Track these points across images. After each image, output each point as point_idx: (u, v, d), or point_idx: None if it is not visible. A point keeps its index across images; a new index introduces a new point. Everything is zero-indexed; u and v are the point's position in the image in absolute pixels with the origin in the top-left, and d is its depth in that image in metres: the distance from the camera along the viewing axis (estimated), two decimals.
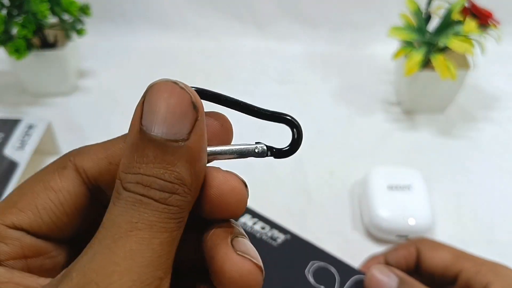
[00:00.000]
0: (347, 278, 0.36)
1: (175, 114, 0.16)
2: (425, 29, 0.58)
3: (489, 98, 0.67)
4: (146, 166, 0.16)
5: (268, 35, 0.76)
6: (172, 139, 0.16)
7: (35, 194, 0.19)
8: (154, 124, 0.16)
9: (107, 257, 0.15)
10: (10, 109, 0.62)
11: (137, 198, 0.16)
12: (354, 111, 0.64)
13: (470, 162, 0.57)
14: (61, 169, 0.19)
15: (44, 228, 0.19)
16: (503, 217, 0.50)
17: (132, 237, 0.15)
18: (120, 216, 0.16)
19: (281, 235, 0.38)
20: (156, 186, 0.16)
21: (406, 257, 0.36)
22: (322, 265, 0.37)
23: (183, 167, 0.16)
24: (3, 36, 0.55)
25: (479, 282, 0.32)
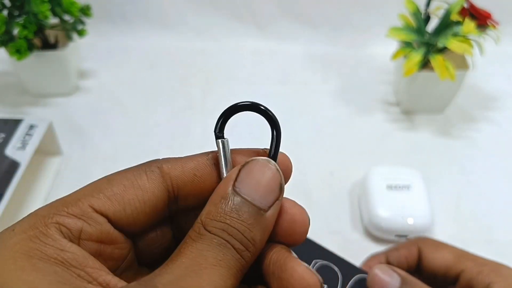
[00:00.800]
0: (349, 277, 0.36)
1: (267, 188, 0.20)
2: (424, 29, 0.58)
3: (488, 98, 0.67)
4: (231, 220, 0.19)
5: (268, 36, 0.77)
6: (258, 206, 0.19)
7: (124, 188, 0.20)
8: (250, 189, 0.19)
9: (196, 281, 0.17)
10: (11, 109, 0.63)
11: (221, 241, 0.18)
12: (354, 111, 0.64)
13: (469, 162, 0.57)
14: (149, 172, 0.21)
15: (124, 220, 0.20)
16: (502, 217, 0.51)
17: (216, 270, 0.18)
18: (207, 251, 0.18)
19: None
20: (237, 238, 0.19)
21: (407, 256, 0.36)
22: (325, 263, 0.37)
23: (258, 232, 0.19)
24: (4, 37, 0.55)
25: (481, 282, 0.32)
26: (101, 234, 0.20)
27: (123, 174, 0.21)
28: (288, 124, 0.62)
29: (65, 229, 0.19)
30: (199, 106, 0.64)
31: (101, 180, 0.21)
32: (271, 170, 0.20)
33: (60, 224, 0.19)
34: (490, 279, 0.31)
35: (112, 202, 0.20)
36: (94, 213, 0.20)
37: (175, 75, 0.69)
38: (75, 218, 0.19)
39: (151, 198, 0.21)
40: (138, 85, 0.68)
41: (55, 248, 0.18)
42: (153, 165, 0.21)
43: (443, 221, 0.49)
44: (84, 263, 0.18)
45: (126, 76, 0.69)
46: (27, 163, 0.48)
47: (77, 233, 0.19)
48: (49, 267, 0.17)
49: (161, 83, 0.68)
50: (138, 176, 0.21)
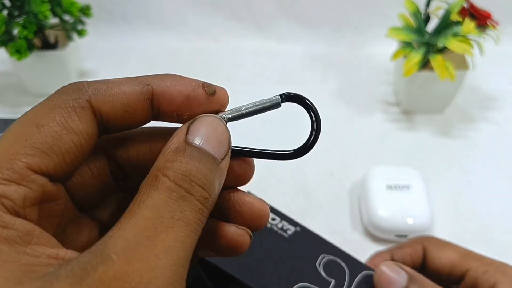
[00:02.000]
0: (356, 273, 0.36)
1: (218, 140, 0.20)
2: (424, 29, 0.58)
3: (488, 98, 0.67)
4: (192, 162, 0.18)
5: (268, 36, 0.77)
6: (213, 155, 0.19)
7: (57, 135, 0.18)
8: (202, 139, 0.19)
9: (149, 249, 0.16)
10: (11, 109, 0.63)
11: (181, 193, 0.17)
12: (354, 112, 0.64)
13: (468, 162, 0.57)
14: (80, 109, 0.19)
15: (64, 171, 0.19)
16: (501, 217, 0.51)
17: (172, 233, 0.17)
18: (164, 209, 0.17)
19: (291, 227, 0.38)
20: (200, 183, 0.18)
21: (412, 254, 0.36)
22: (332, 258, 0.36)
23: (217, 180, 0.19)
24: (4, 37, 0.55)
25: (486, 281, 0.32)
26: (43, 195, 0.18)
27: (48, 115, 0.19)
28: (288, 124, 0.62)
29: (7, 201, 0.17)
30: None
31: (26, 127, 0.18)
32: (220, 125, 0.20)
33: (1, 196, 0.17)
34: (495, 279, 0.31)
35: (50, 157, 0.18)
36: (34, 174, 0.18)
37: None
38: (15, 185, 0.17)
39: (86, 140, 0.19)
40: None
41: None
42: (81, 98, 0.19)
43: (443, 221, 0.49)
44: (28, 239, 0.17)
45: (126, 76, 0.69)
46: None
47: (20, 203, 0.17)
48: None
49: None
50: (69, 117, 0.19)
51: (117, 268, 0.16)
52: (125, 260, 0.16)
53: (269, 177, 0.54)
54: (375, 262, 0.38)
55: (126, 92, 0.20)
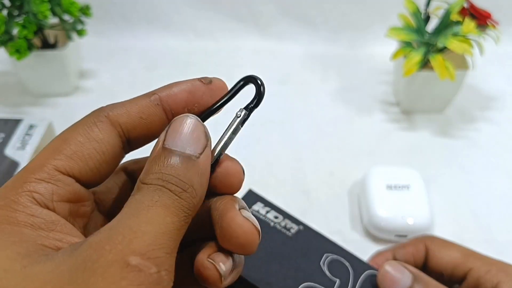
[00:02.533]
0: (360, 272, 0.36)
1: (192, 137, 0.21)
2: (424, 29, 0.58)
3: (488, 98, 0.67)
4: (165, 169, 0.20)
5: (268, 36, 0.77)
6: (188, 154, 0.20)
7: (81, 144, 0.21)
8: (176, 141, 0.21)
9: (132, 221, 0.18)
10: (11, 109, 0.63)
11: (157, 187, 0.19)
12: (353, 111, 0.64)
13: (468, 162, 0.57)
14: (99, 122, 0.22)
15: (90, 175, 0.21)
16: (501, 217, 0.51)
17: (152, 210, 0.19)
18: (143, 197, 0.19)
19: (294, 226, 0.38)
20: (173, 181, 0.20)
21: (414, 254, 0.36)
22: (336, 258, 0.36)
23: (194, 175, 0.20)
24: (4, 37, 0.55)
25: (489, 281, 0.31)
26: (71, 194, 0.21)
27: (74, 130, 0.22)
28: (288, 124, 0.62)
29: (37, 195, 0.19)
30: None
31: (56, 142, 0.21)
32: (191, 121, 0.21)
33: (31, 191, 0.19)
34: (498, 279, 0.31)
35: (74, 161, 0.21)
36: (61, 175, 0.20)
37: (175, 75, 0.69)
38: (44, 183, 0.20)
39: (107, 147, 0.22)
40: (138, 85, 0.68)
41: (25, 214, 0.19)
42: (100, 114, 0.22)
43: (443, 221, 0.49)
44: (52, 226, 0.19)
45: (126, 76, 0.69)
46: (27, 163, 0.48)
47: (49, 197, 0.20)
48: (16, 228, 0.18)
49: (161, 83, 0.67)
50: (90, 129, 0.22)
51: (102, 235, 0.18)
52: (109, 230, 0.18)
53: (269, 177, 0.54)
54: (377, 261, 0.38)
55: (138, 103, 0.23)
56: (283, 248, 0.36)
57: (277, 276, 0.33)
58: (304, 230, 0.38)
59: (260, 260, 0.34)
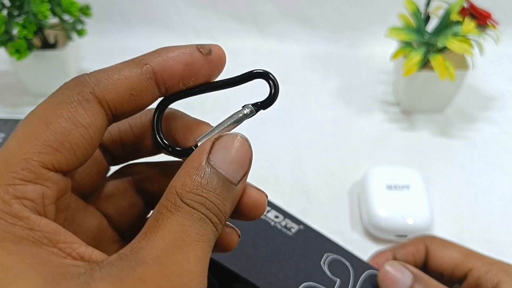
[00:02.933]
0: (360, 272, 0.36)
1: (239, 163, 0.20)
2: (424, 29, 0.58)
3: (488, 98, 0.67)
4: (208, 193, 0.19)
5: (268, 36, 0.77)
6: (230, 180, 0.19)
7: (68, 132, 0.18)
8: (223, 162, 0.19)
9: (182, 257, 0.17)
10: (11, 109, 0.63)
11: (201, 216, 0.18)
12: (353, 111, 0.64)
13: (468, 162, 0.57)
14: (85, 102, 0.19)
15: (75, 164, 0.19)
16: (501, 217, 0.51)
17: (199, 245, 0.18)
18: (189, 227, 0.18)
19: (295, 225, 0.38)
20: (213, 211, 0.19)
21: (414, 254, 0.36)
22: (336, 257, 0.36)
23: (229, 204, 0.20)
24: (4, 37, 0.55)
25: (489, 281, 0.31)
26: (59, 191, 0.19)
27: (55, 112, 0.19)
28: (288, 124, 0.62)
29: (27, 201, 0.17)
30: (198, 106, 0.63)
31: (36, 126, 0.18)
32: (244, 146, 0.20)
33: (20, 197, 0.17)
34: (498, 278, 0.31)
35: (62, 153, 0.18)
36: (49, 172, 0.18)
37: None
38: (31, 184, 0.18)
39: (95, 132, 0.19)
40: None
41: (23, 228, 0.17)
42: (85, 91, 0.19)
43: (443, 221, 0.49)
44: (55, 239, 0.17)
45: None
46: None
47: (40, 202, 0.18)
48: (23, 248, 0.16)
49: None
50: (75, 111, 0.19)
51: (156, 270, 0.17)
52: (162, 264, 0.17)
53: (269, 176, 0.54)
54: (377, 261, 0.38)
55: (128, 76, 0.20)
56: (283, 248, 0.36)
57: (278, 275, 0.33)
58: (305, 230, 0.38)
59: (261, 260, 0.34)
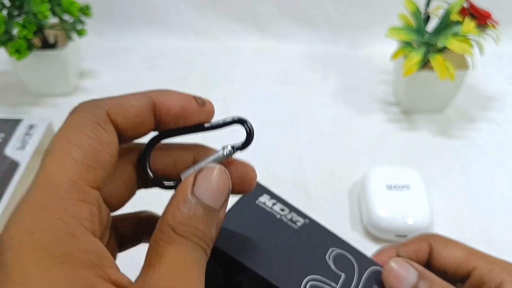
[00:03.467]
0: (365, 268, 0.35)
1: (220, 191, 0.22)
2: (424, 29, 0.58)
3: (488, 98, 0.67)
4: (197, 223, 0.21)
5: (268, 36, 0.77)
6: (214, 208, 0.21)
7: (97, 151, 0.20)
8: (205, 191, 0.21)
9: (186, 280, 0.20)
10: (11, 109, 0.63)
11: (193, 244, 0.20)
12: (353, 111, 0.64)
13: (468, 162, 0.57)
14: (103, 123, 0.21)
15: (105, 181, 0.21)
16: (501, 217, 0.51)
17: (197, 270, 0.20)
18: (186, 255, 0.20)
19: (301, 219, 0.38)
20: (203, 239, 0.21)
21: (417, 252, 0.36)
22: (341, 252, 0.36)
23: (214, 229, 0.21)
24: (4, 37, 0.55)
25: (493, 280, 0.31)
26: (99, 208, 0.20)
27: (81, 133, 0.20)
28: (288, 124, 0.62)
29: (86, 222, 0.19)
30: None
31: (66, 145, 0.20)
32: (222, 176, 0.22)
33: (78, 218, 0.18)
34: (502, 278, 0.31)
35: (97, 170, 0.20)
36: (93, 190, 0.20)
37: (175, 75, 0.69)
38: (83, 203, 0.19)
39: (115, 149, 0.21)
40: (138, 85, 0.67)
41: (79, 248, 0.18)
42: (100, 113, 0.21)
43: (443, 221, 0.49)
44: (102, 262, 0.19)
45: (126, 76, 0.70)
46: (26, 163, 0.48)
47: (97, 222, 0.20)
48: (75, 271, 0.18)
49: (161, 83, 0.67)
50: (98, 131, 0.21)
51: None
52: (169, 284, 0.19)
53: (268, 176, 0.54)
54: (380, 258, 0.38)
55: (135, 105, 0.22)
56: (289, 241, 0.36)
57: (283, 268, 0.33)
58: (310, 224, 0.38)
59: (266, 252, 0.34)
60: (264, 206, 0.38)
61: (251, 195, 0.36)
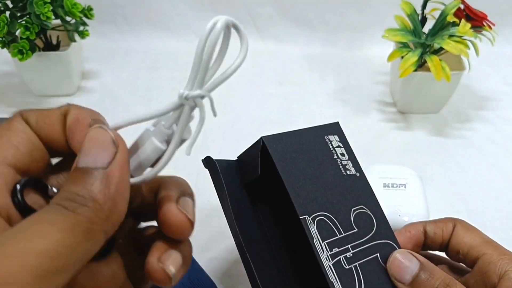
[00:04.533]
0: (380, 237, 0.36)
1: (96, 148, 0.21)
2: (420, 31, 0.59)
3: (483, 98, 0.68)
4: (69, 185, 0.20)
5: (266, 37, 0.77)
6: (92, 167, 0.20)
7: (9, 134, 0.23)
8: (82, 157, 0.21)
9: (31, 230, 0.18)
10: (14, 109, 0.63)
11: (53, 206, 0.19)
12: (351, 112, 0.65)
13: (464, 161, 0.58)
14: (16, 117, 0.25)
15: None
16: (496, 215, 0.51)
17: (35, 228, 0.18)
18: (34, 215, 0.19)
19: (353, 170, 0.38)
20: (70, 197, 0.19)
21: (442, 228, 0.37)
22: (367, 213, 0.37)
23: (97, 188, 0.20)
24: (7, 38, 0.56)
25: (499, 268, 0.32)
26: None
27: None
28: (286, 124, 0.62)
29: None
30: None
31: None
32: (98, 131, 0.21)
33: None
34: (507, 268, 0.32)
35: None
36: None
37: (176, 76, 0.70)
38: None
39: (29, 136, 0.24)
40: (139, 86, 0.68)
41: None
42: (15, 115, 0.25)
43: None
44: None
45: (128, 77, 0.70)
46: None
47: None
48: None
49: (162, 84, 0.68)
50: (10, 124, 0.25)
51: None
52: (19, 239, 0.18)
53: None
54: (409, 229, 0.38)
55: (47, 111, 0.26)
56: (331, 181, 0.36)
57: (308, 196, 0.34)
58: (359, 178, 0.38)
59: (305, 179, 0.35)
60: (328, 143, 0.39)
61: (324, 128, 0.38)
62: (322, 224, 0.34)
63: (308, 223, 0.33)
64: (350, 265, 0.33)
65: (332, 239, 0.34)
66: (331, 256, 0.33)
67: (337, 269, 0.32)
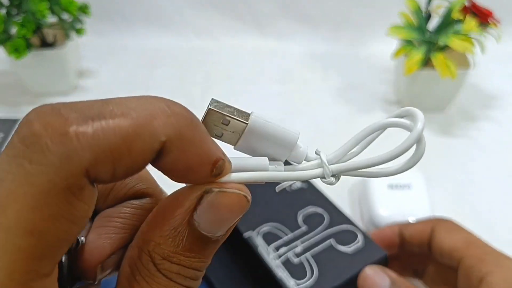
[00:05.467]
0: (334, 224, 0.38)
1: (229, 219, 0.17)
2: (425, 28, 0.58)
3: (489, 97, 0.67)
4: (188, 260, 0.16)
5: (268, 35, 0.77)
6: (216, 238, 0.16)
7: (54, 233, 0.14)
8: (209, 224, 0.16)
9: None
10: (10, 108, 0.62)
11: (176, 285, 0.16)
12: (354, 110, 0.64)
13: (470, 161, 0.57)
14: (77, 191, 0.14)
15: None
16: (503, 216, 0.50)
17: None
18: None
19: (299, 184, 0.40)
20: (189, 275, 0.16)
21: (420, 232, 0.37)
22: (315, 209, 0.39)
23: (209, 260, 0.17)
24: (2, 36, 0.55)
25: (479, 270, 0.31)
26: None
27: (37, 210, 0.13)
28: (288, 123, 0.61)
29: None
30: (199, 105, 0.63)
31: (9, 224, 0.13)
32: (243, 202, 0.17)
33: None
34: (488, 269, 0.31)
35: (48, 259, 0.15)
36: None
37: (174, 74, 0.69)
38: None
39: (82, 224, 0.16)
40: (137, 84, 0.68)
41: None
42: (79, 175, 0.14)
43: None
44: None
45: (125, 75, 0.69)
46: None
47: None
48: None
49: (160, 82, 0.68)
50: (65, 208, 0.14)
51: None
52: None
53: None
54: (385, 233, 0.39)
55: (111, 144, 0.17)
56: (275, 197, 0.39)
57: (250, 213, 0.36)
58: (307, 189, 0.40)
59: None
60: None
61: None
62: (268, 232, 0.36)
63: (254, 236, 0.36)
64: (299, 257, 0.35)
65: (278, 241, 0.36)
66: (278, 255, 0.35)
67: (287, 265, 0.34)
